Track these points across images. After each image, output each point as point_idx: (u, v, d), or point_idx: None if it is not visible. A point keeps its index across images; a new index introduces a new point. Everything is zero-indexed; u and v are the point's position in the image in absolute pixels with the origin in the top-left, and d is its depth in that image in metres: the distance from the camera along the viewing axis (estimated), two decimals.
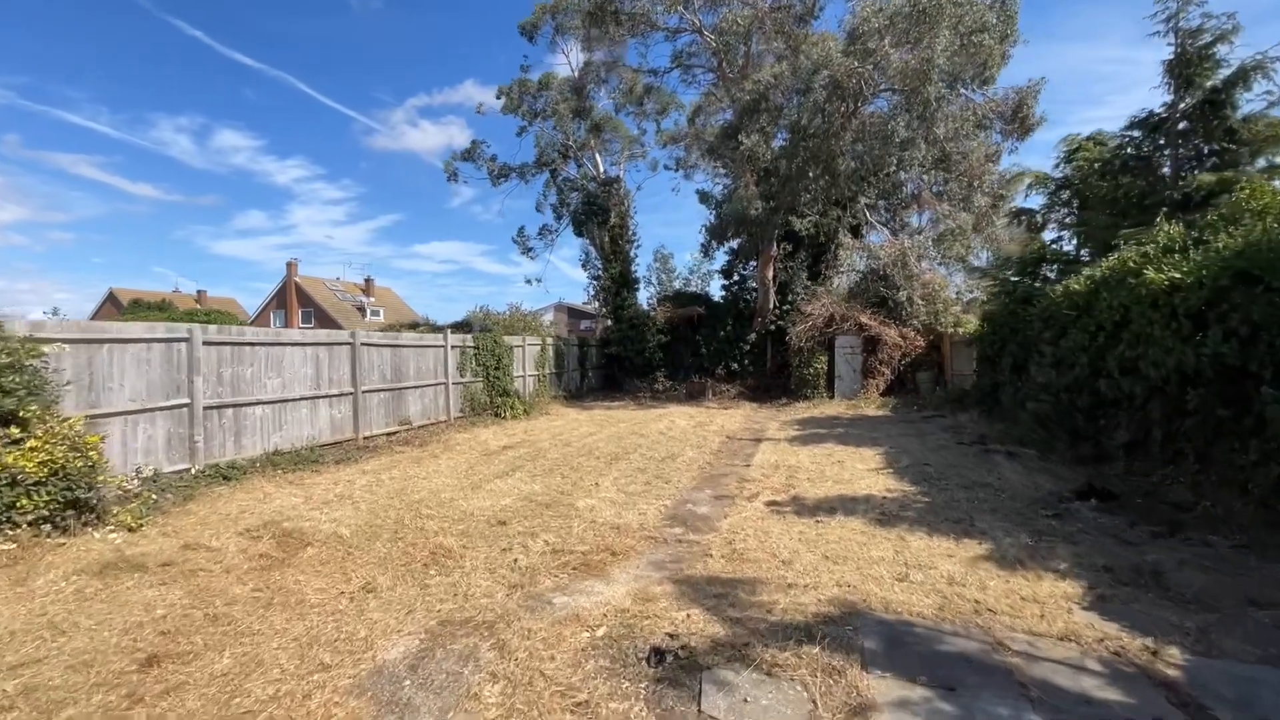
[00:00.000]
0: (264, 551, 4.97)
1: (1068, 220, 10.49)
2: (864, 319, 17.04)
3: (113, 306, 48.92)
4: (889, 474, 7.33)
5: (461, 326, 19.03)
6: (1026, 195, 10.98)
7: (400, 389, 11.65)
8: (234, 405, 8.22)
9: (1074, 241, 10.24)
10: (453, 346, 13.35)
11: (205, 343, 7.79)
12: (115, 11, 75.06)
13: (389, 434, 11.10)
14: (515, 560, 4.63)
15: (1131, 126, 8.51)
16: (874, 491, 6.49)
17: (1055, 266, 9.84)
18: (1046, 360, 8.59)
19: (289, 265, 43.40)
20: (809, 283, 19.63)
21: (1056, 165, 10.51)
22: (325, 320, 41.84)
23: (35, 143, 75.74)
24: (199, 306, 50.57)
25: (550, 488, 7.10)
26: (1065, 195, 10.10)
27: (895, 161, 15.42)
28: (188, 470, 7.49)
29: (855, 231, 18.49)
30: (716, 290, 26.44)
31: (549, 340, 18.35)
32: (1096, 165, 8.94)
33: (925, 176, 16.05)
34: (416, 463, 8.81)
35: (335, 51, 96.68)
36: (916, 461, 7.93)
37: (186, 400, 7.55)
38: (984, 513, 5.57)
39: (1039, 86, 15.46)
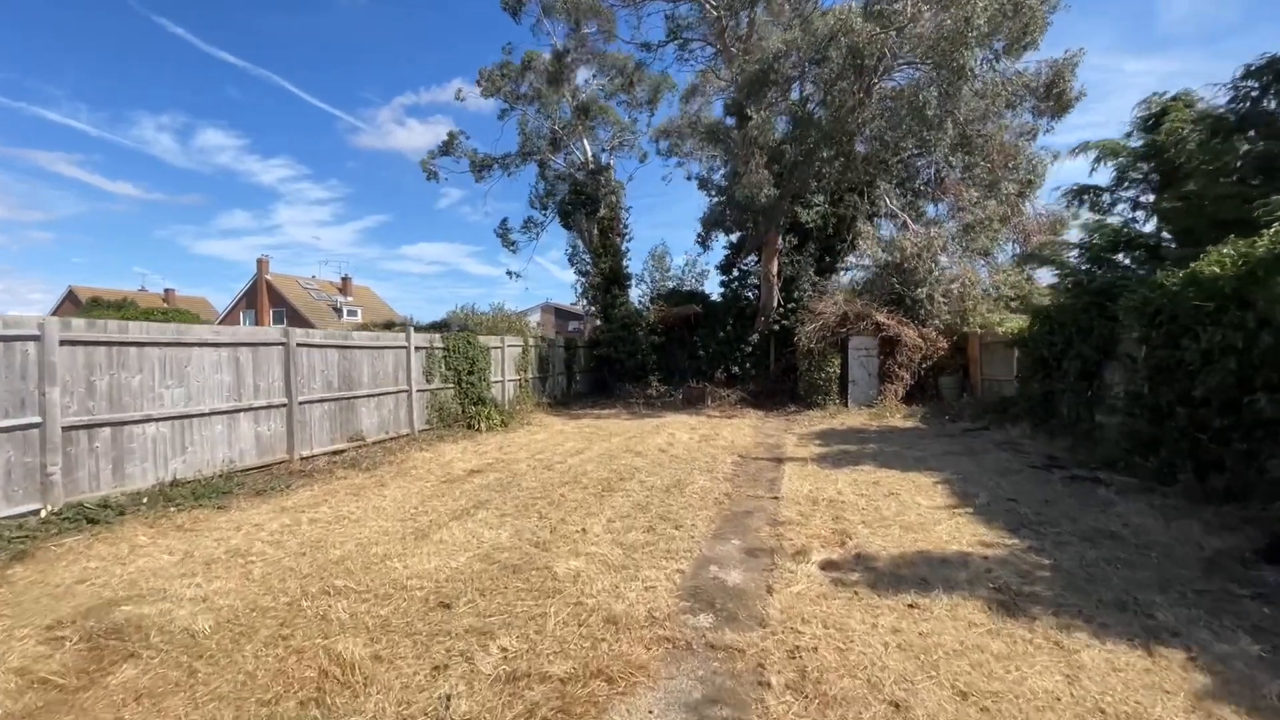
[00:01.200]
0: (50, 674, 3.12)
1: (1142, 200, 8.90)
2: (881, 318, 15.40)
3: (72, 305, 46.27)
4: (969, 515, 5.61)
5: (440, 327, 17.22)
6: (1093, 170, 9.41)
7: (350, 398, 9.77)
8: (112, 424, 6.32)
9: (1153, 222, 8.66)
10: (417, 348, 11.48)
11: (65, 341, 5.89)
12: (96, 8, 72.01)
13: (334, 453, 9.22)
14: (448, 699, 2.81)
15: (1247, 76, 6.87)
16: (966, 546, 4.75)
17: (1137, 253, 8.22)
18: (1141, 366, 6.94)
19: (259, 262, 41.07)
20: (817, 278, 17.98)
21: (1129, 134, 8.93)
22: (298, 320, 39.58)
23: (12, 140, 72.15)
24: (166, 305, 48.02)
25: (522, 537, 5.30)
26: (1145, 168, 8.52)
27: (919, 142, 13.81)
28: (36, 513, 5.58)
29: (871, 220, 16.87)
30: (714, 288, 24.74)
31: (531, 341, 16.51)
32: (1197, 128, 7.27)
33: (951, 159, 14.43)
34: (356, 494, 6.95)
35: (321, 49, 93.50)
36: (996, 495, 6.22)
37: (35, 419, 5.65)
38: (1147, 589, 3.85)
39: (1077, 58, 13.93)
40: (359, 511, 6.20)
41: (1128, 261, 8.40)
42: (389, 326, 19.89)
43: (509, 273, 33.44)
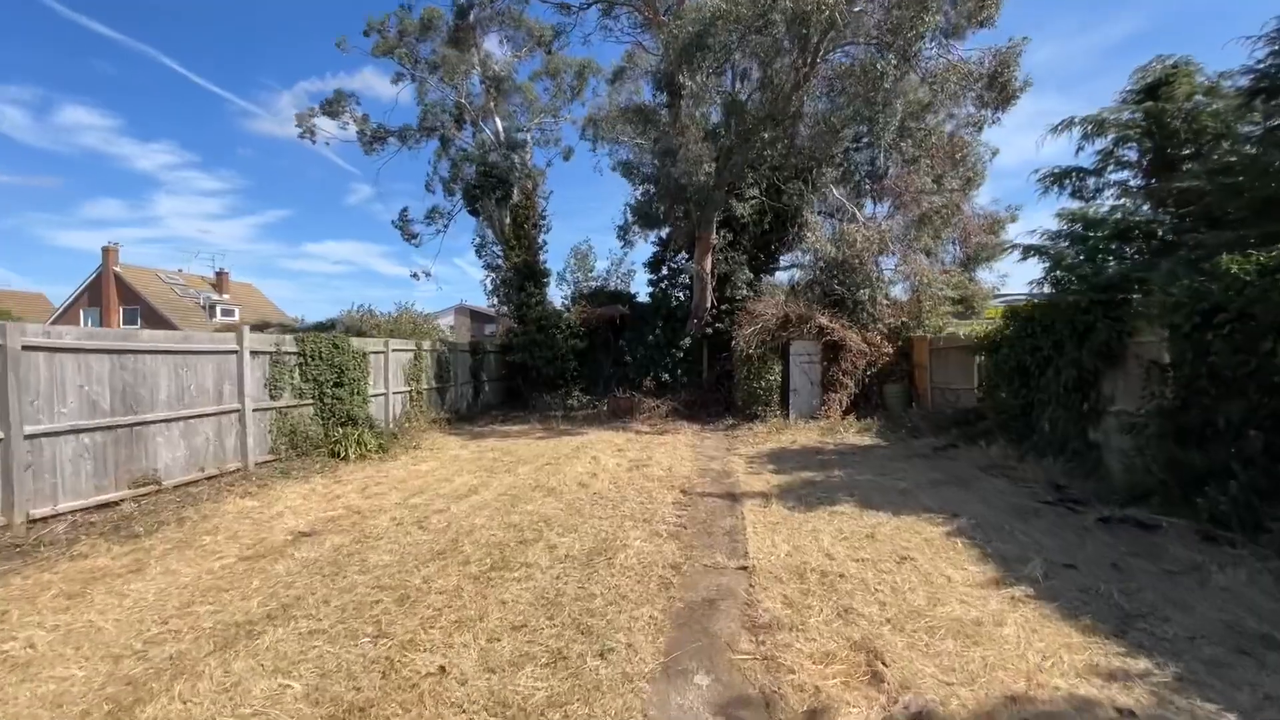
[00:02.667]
0: None
1: (1133, 184, 7.88)
2: (824, 321, 14.04)
3: None
4: (1031, 599, 3.85)
5: (326, 328, 14.24)
6: (1079, 149, 8.32)
7: (136, 425, 6.83)
8: None
9: (1145, 207, 7.62)
10: (254, 352, 8.59)
11: None
12: None
13: (100, 507, 6.27)
14: None
15: None
16: (1075, 679, 2.92)
17: (1148, 242, 7.08)
18: (1170, 376, 5.62)
19: (105, 250, 34.59)
20: (752, 276, 16.51)
21: (1118, 110, 7.90)
22: (156, 321, 33.66)
23: None
24: None
25: (325, 694, 2.92)
26: (1147, 145, 7.46)
27: (866, 125, 12.58)
28: None
29: (813, 214, 15.56)
30: (642, 289, 22.90)
31: (427, 345, 13.77)
32: (1219, 96, 6.22)
33: (900, 145, 13.32)
34: (75, 594, 4.22)
35: (210, 25, 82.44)
36: (1043, 558, 4.53)
37: None
38: None
39: (1021, 46, 13.21)
40: (45, 640, 3.53)
41: (1129, 254, 7.30)
42: (263, 328, 16.43)
43: (414, 274, 28.90)
